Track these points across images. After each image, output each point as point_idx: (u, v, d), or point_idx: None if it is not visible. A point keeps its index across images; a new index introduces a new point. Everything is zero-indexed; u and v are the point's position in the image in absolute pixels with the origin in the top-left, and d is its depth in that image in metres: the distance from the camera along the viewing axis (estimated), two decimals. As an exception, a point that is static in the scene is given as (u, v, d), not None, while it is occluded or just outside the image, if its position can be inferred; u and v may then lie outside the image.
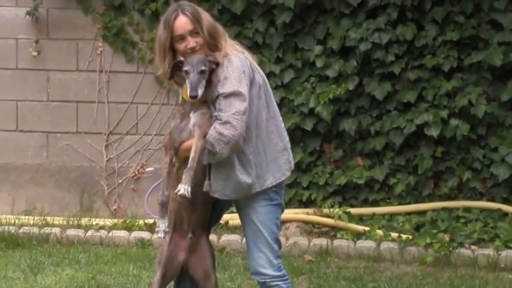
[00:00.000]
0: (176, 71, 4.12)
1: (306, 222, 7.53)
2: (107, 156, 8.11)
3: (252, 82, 4.13)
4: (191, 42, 4.06)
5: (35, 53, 7.95)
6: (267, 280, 4.37)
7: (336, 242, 7.24)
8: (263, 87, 4.22)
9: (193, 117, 4.13)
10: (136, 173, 8.10)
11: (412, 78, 7.47)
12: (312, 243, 7.22)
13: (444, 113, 7.34)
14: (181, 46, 4.08)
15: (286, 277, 4.46)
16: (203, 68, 4.01)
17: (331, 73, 7.54)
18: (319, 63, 7.57)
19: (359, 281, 6.33)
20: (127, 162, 8.10)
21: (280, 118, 4.36)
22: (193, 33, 4.05)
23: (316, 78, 7.65)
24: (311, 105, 7.53)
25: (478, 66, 7.39)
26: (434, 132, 7.33)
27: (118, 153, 8.11)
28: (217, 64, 4.05)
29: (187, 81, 4.02)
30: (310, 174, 7.67)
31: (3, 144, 8.06)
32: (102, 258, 6.93)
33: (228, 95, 4.02)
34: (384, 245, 7.12)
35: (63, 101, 8.03)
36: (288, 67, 7.67)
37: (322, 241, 7.23)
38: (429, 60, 7.42)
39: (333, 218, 7.37)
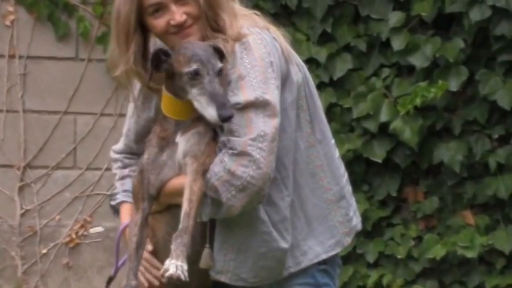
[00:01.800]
0: (160, 67, 3.16)
1: None
2: (22, 207, 6.63)
3: (285, 81, 3.20)
4: (177, 13, 3.13)
5: None
6: None
7: None
8: (304, 89, 3.28)
9: (183, 142, 3.19)
10: (74, 236, 6.67)
11: None
12: None
13: None
14: (158, 22, 3.15)
15: None
16: (220, 65, 3.13)
17: (418, 61, 6.06)
18: (397, 44, 6.08)
19: None
20: (57, 217, 6.58)
21: (333, 141, 3.43)
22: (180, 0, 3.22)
23: (392, 70, 6.19)
24: (383, 118, 6.14)
25: None
26: None
27: (41, 201, 6.59)
28: (222, 55, 3.16)
29: (196, 91, 3.08)
30: (381, 241, 6.28)
31: None
32: None
33: (244, 107, 3.09)
34: None
35: None
36: (341, 50, 6.22)
37: None
38: None
39: None
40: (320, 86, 6.05)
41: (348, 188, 3.43)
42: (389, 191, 6.31)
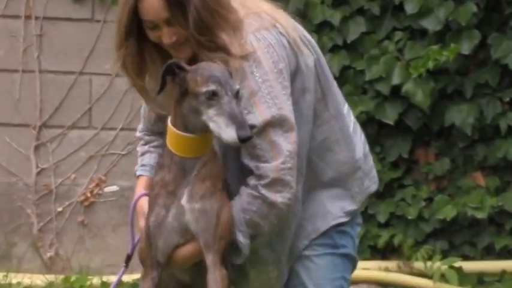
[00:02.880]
0: (173, 80, 3.10)
1: (384, 285, 6.36)
2: (37, 166, 6.70)
3: (295, 75, 3.26)
4: (167, 35, 3.14)
5: None
6: None
7: None
8: (316, 69, 3.32)
9: (190, 215, 3.12)
10: (89, 195, 6.71)
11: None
12: None
13: None
14: (153, 35, 3.18)
15: None
16: (237, 86, 3.11)
17: (430, 24, 6.15)
18: (409, 8, 6.15)
19: None
20: (72, 176, 6.68)
21: (346, 110, 3.47)
22: (172, 23, 3.15)
23: (404, 34, 6.27)
24: (395, 80, 6.20)
25: None
26: None
27: (57, 160, 6.66)
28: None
29: (213, 112, 3.03)
30: (392, 202, 6.36)
31: None
32: None
33: (264, 128, 3.13)
34: None
35: None
36: (354, 13, 6.29)
37: None
38: None
39: (431, 277, 6.23)
40: (334, 49, 6.17)
41: (365, 150, 3.54)
42: (401, 153, 6.36)
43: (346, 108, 3.47)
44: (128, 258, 3.46)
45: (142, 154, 3.59)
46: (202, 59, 3.15)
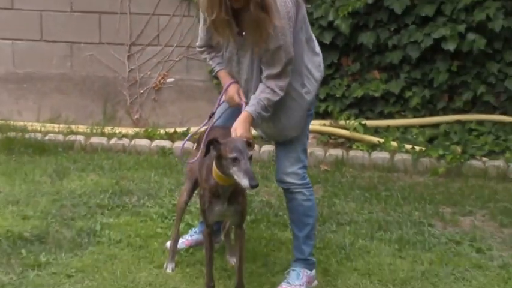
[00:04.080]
0: (213, 148, 4.18)
1: (322, 134, 7.74)
2: (129, 67, 8.27)
3: (296, 19, 4.36)
4: None
5: (57, -37, 8.03)
6: (291, 187, 4.70)
7: (351, 153, 7.49)
8: (304, 14, 4.50)
9: (231, 211, 4.46)
10: (158, 83, 8.25)
11: (431, -9, 7.51)
12: (327, 154, 7.48)
13: (462, 28, 7.46)
14: None
15: (310, 185, 4.78)
16: (251, 153, 4.10)
17: None
18: None
19: (373, 190, 6.69)
20: (149, 72, 8.25)
21: (313, 37, 4.67)
22: None
23: None
24: (330, 18, 7.66)
25: (497, -20, 7.40)
26: (451, 46, 7.48)
27: (140, 63, 8.26)
28: (249, 144, 4.20)
29: (235, 169, 4.08)
30: (328, 87, 7.86)
31: (28, 53, 8.30)
32: (124, 165, 7.26)
33: (277, 49, 4.26)
34: (398, 156, 7.37)
35: (86, 11, 8.17)
36: None
37: (337, 152, 7.49)
38: (448, -25, 7.42)
39: (348, 129, 7.63)
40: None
41: (320, 57, 4.60)
42: (332, 59, 7.58)
43: (313, 35, 4.61)
44: (212, 114, 4.66)
45: (211, 58, 4.65)
46: (249, 9, 4.09)
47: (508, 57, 7.58)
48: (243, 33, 4.29)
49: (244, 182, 3.99)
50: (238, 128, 4.25)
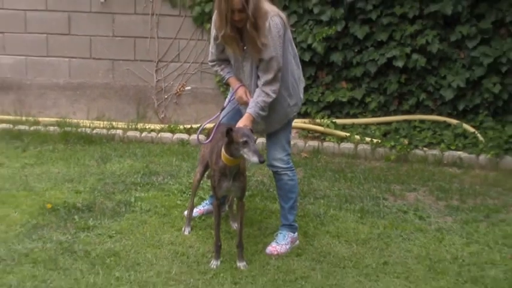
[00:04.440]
0: (227, 135, 4.06)
1: (303, 129, 7.50)
2: (156, 78, 8.02)
3: (284, 39, 4.23)
4: (238, 16, 4.11)
5: (103, 0, 7.88)
6: (279, 170, 4.61)
7: (325, 144, 7.28)
8: (290, 37, 4.36)
9: (236, 186, 4.26)
10: (178, 91, 8.03)
11: (385, 22, 7.41)
12: (307, 144, 7.26)
13: (408, 49, 7.34)
14: (232, 16, 4.12)
15: (293, 168, 4.68)
16: (255, 137, 4.06)
17: (324, 18, 7.48)
18: (315, 10, 7.49)
19: (341, 172, 6.53)
20: (171, 82, 8.03)
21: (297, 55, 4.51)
22: (241, 10, 4.09)
23: (313, 22, 7.56)
24: (309, 41, 7.49)
25: (434, 14, 7.35)
26: (400, 63, 7.34)
27: (165, 76, 8.02)
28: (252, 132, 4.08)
29: (246, 150, 3.99)
30: (307, 94, 7.67)
31: (80, 68, 8.08)
32: (152, 153, 7.04)
33: (270, 59, 4.13)
34: (360, 147, 7.15)
35: (124, 36, 7.96)
36: (292, 13, 7.55)
37: (314, 143, 7.27)
38: (398, 9, 7.39)
39: (323, 126, 7.41)
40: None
41: (301, 73, 4.47)
42: (311, 73, 7.34)
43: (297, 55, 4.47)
44: (222, 109, 4.53)
45: (222, 69, 4.46)
46: (247, 28, 4.00)
47: (442, 72, 7.41)
48: (245, 47, 4.20)
49: (254, 159, 3.93)
50: (243, 124, 4.19)
